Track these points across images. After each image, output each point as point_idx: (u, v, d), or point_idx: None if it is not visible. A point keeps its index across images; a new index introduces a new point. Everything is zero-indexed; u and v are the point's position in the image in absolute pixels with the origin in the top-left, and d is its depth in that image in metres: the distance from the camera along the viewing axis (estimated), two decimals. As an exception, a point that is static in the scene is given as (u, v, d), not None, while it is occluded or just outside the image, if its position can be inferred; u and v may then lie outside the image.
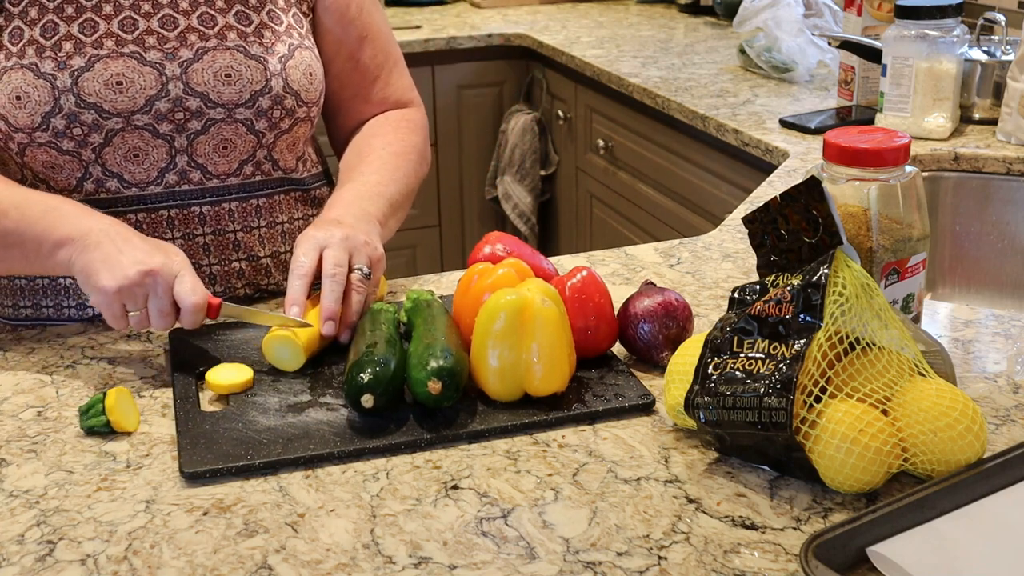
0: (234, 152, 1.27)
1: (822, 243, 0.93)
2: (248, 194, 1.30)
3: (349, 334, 1.12)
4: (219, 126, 1.25)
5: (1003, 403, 1.03)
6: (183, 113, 1.23)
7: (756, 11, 2.39)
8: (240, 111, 1.25)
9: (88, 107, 1.19)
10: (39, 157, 1.22)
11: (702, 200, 2.23)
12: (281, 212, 1.33)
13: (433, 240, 3.14)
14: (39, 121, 1.19)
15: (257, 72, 1.25)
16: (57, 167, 1.23)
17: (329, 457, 0.96)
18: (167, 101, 1.22)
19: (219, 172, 1.27)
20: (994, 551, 0.81)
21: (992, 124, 1.92)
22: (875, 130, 1.09)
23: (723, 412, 0.90)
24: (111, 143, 1.22)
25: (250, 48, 1.26)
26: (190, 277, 1.08)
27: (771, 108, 2.13)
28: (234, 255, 1.30)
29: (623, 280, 1.33)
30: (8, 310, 1.31)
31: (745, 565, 0.81)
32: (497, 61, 3.07)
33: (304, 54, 1.30)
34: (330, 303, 1.11)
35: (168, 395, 1.08)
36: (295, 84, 1.28)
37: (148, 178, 1.25)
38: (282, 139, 1.30)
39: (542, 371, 1.01)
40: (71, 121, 1.19)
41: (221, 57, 1.24)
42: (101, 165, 1.23)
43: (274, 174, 1.32)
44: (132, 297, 1.07)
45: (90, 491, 0.92)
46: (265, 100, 1.26)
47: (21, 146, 1.21)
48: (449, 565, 0.82)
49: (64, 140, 1.20)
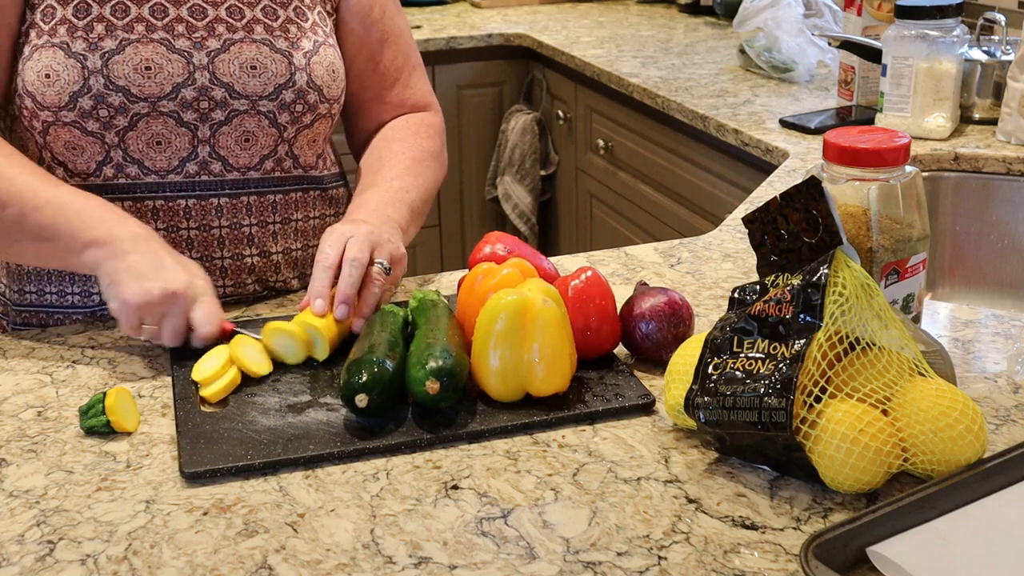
0: (256, 145, 1.28)
1: (822, 243, 0.93)
2: (267, 189, 1.31)
3: (362, 324, 1.13)
4: (242, 117, 1.26)
5: (1003, 403, 1.03)
6: (208, 102, 1.24)
7: (756, 11, 2.39)
8: (263, 103, 1.27)
9: (116, 90, 1.21)
10: (62, 137, 1.23)
11: (702, 200, 2.23)
12: (297, 210, 1.34)
13: (433, 240, 3.14)
14: (67, 100, 1.20)
15: (282, 66, 1.27)
16: (79, 148, 1.24)
17: (329, 457, 0.96)
18: (193, 89, 1.23)
19: (240, 165, 1.28)
20: (994, 551, 0.81)
21: (992, 124, 1.92)
22: (875, 130, 1.09)
23: (723, 412, 0.90)
24: (135, 127, 1.23)
25: (276, 42, 1.27)
26: (208, 303, 1.12)
27: (771, 108, 2.13)
28: (247, 249, 1.31)
29: (623, 280, 1.33)
30: (15, 295, 1.32)
31: (745, 565, 0.81)
32: (497, 61, 3.07)
33: (328, 51, 1.32)
34: (345, 287, 1.13)
35: (168, 395, 1.08)
36: (318, 80, 1.30)
37: (169, 166, 1.26)
38: (303, 134, 1.31)
39: (543, 371, 1.01)
40: (98, 102, 1.21)
41: (247, 49, 1.26)
42: (123, 150, 1.24)
43: (294, 171, 1.33)
44: (151, 313, 1.10)
45: (90, 491, 0.92)
46: (288, 94, 1.27)
47: (46, 125, 1.23)
48: (449, 565, 0.82)
49: (89, 121, 1.21)
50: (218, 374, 1.06)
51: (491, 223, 3.15)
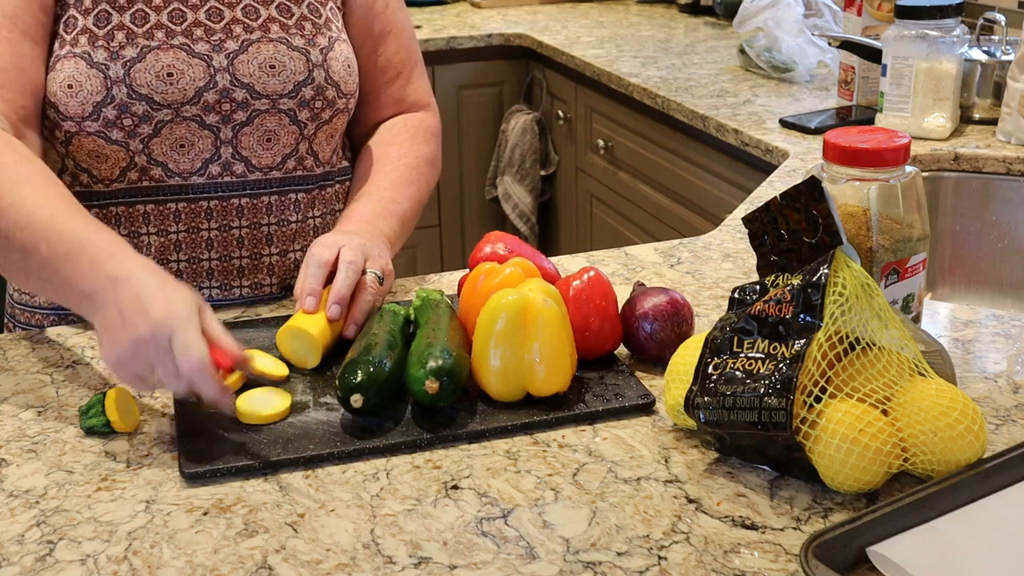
0: (278, 145, 1.29)
1: (822, 243, 0.93)
2: (288, 188, 1.31)
3: (355, 330, 1.13)
4: (263, 117, 1.27)
5: (1003, 403, 1.03)
6: (229, 104, 1.25)
7: (756, 11, 2.39)
8: (284, 101, 1.27)
9: (139, 98, 1.21)
10: (85, 146, 1.23)
11: (702, 200, 2.23)
12: (315, 208, 1.34)
13: (433, 240, 3.14)
14: (90, 110, 1.20)
15: (300, 63, 1.27)
16: (102, 157, 1.24)
17: (329, 457, 0.96)
18: (215, 92, 1.24)
19: (262, 165, 1.28)
20: (994, 551, 0.81)
21: (992, 124, 1.91)
22: (875, 130, 1.09)
23: (723, 412, 0.90)
24: (159, 134, 1.23)
25: (292, 40, 1.28)
26: (187, 332, 0.95)
27: (771, 108, 2.13)
28: (266, 249, 1.31)
29: (623, 280, 1.33)
30: (25, 296, 1.33)
31: (745, 565, 0.81)
32: (497, 61, 3.06)
33: (343, 47, 1.33)
34: (341, 287, 1.13)
35: (168, 395, 1.08)
36: (336, 75, 1.30)
37: (192, 168, 1.26)
38: (323, 131, 1.32)
39: (544, 371, 1.01)
40: (122, 112, 1.21)
41: (265, 49, 1.26)
42: (147, 155, 1.24)
43: (316, 170, 1.33)
44: (137, 364, 0.98)
45: (90, 491, 0.92)
46: (308, 91, 1.28)
47: (68, 135, 1.22)
48: (449, 565, 0.82)
49: (114, 130, 1.21)
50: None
51: (491, 223, 3.15)
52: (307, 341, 1.09)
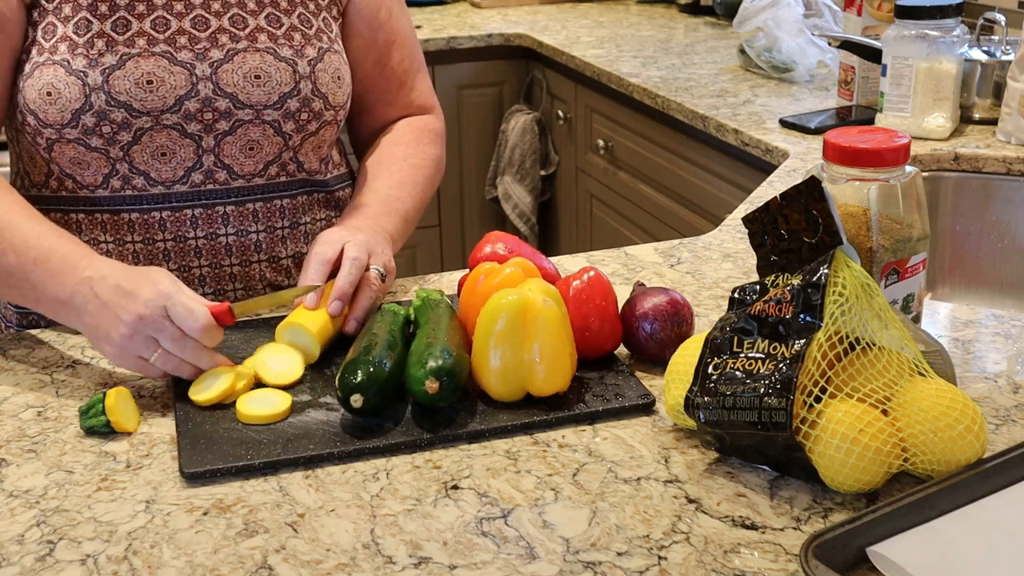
0: (260, 153, 1.28)
1: (822, 243, 0.93)
2: (272, 194, 1.31)
3: (356, 327, 1.13)
4: (247, 127, 1.26)
5: (1003, 403, 1.03)
6: (212, 113, 1.24)
7: (756, 11, 2.39)
8: (268, 112, 1.26)
9: (118, 105, 1.20)
10: (67, 153, 1.23)
11: (702, 200, 2.23)
12: (304, 213, 1.34)
13: (433, 240, 3.14)
14: (69, 118, 1.20)
15: (286, 74, 1.26)
16: (84, 163, 1.23)
17: (329, 457, 0.96)
18: (196, 101, 1.23)
19: (244, 172, 1.28)
20: (994, 551, 0.81)
21: (992, 124, 1.91)
22: (875, 130, 1.09)
23: (723, 412, 0.90)
24: (140, 142, 1.22)
25: (280, 50, 1.26)
26: (181, 299, 1.03)
27: (771, 108, 2.13)
28: (255, 256, 1.31)
29: (623, 280, 1.33)
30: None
31: (745, 565, 0.81)
32: (497, 61, 3.06)
33: (333, 58, 1.31)
34: (343, 283, 1.13)
35: (168, 395, 1.08)
36: (323, 87, 1.29)
37: (174, 177, 1.25)
38: (308, 141, 1.31)
39: (544, 371, 1.01)
40: (101, 119, 1.20)
41: (251, 58, 1.25)
42: (128, 163, 1.23)
43: (299, 175, 1.33)
44: (141, 346, 1.04)
45: (90, 491, 0.92)
46: (293, 102, 1.27)
47: (50, 142, 1.22)
48: (449, 565, 0.82)
49: (93, 137, 1.21)
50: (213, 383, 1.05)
51: (491, 223, 3.15)
52: (306, 337, 1.10)
